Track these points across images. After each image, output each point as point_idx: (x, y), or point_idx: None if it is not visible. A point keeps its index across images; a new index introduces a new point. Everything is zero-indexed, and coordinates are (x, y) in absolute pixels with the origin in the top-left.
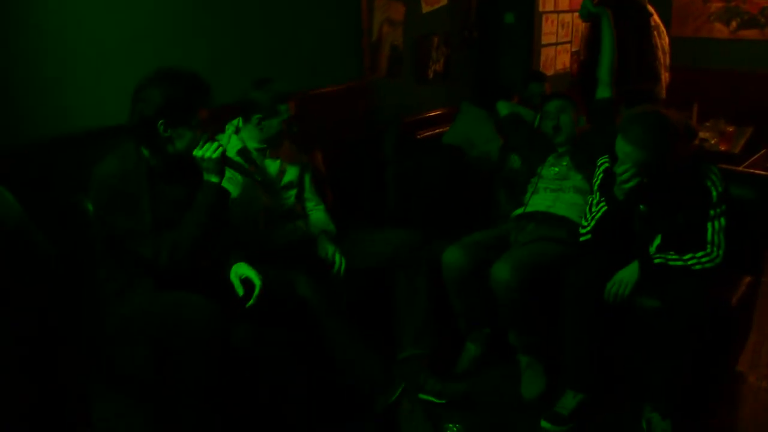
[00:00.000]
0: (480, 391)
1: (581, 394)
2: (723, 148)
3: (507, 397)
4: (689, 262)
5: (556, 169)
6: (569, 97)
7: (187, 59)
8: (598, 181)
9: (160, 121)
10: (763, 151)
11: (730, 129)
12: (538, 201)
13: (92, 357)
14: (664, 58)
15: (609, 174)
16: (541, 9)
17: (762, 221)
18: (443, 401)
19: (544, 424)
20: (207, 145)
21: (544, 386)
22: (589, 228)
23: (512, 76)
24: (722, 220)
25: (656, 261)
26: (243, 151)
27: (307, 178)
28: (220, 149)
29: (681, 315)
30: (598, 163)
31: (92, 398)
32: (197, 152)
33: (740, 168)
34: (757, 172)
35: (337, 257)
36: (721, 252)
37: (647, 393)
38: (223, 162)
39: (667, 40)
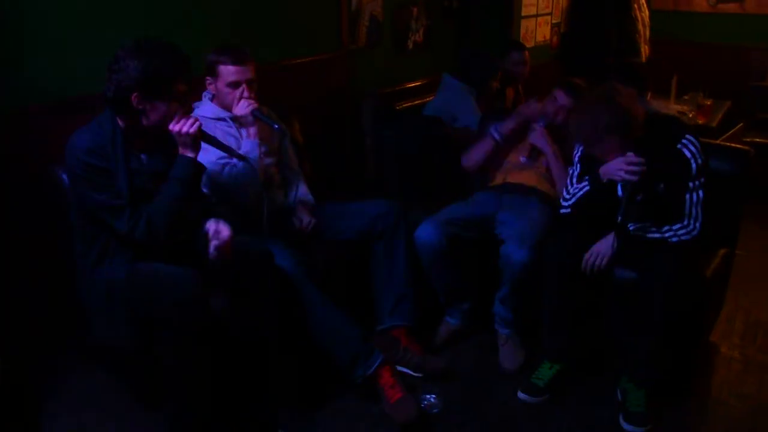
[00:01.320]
0: (458, 364)
1: (557, 365)
2: (701, 122)
3: (485, 370)
4: (666, 234)
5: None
6: None
7: (162, 28)
8: (579, 153)
9: (134, 93)
10: (740, 125)
11: (708, 102)
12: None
13: (68, 329)
14: (644, 30)
15: None
16: None
17: (737, 194)
18: (421, 375)
19: (521, 394)
20: (183, 119)
21: (522, 358)
22: (570, 204)
23: (492, 48)
24: (700, 192)
25: (633, 232)
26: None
27: (286, 147)
28: (197, 124)
29: (658, 287)
30: None
31: (64, 371)
32: (174, 126)
33: (717, 141)
34: (733, 145)
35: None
36: (698, 224)
37: (622, 363)
38: (199, 137)
39: (647, 12)
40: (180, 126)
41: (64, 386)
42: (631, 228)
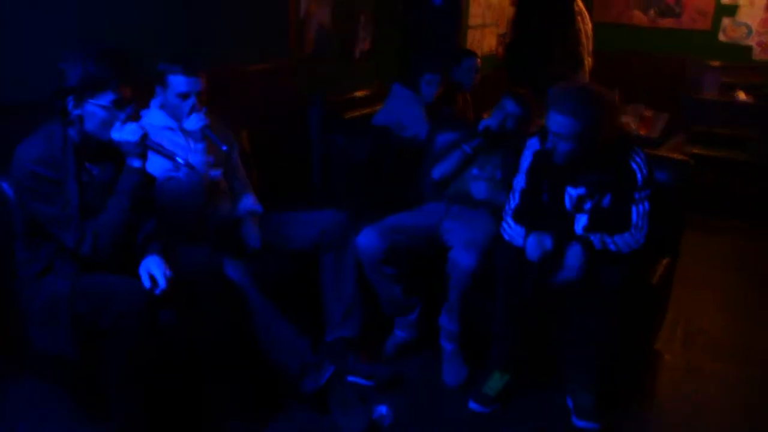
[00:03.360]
0: (409, 373)
1: (507, 375)
2: (643, 133)
3: (436, 379)
4: (619, 243)
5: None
6: None
7: (110, 32)
8: (527, 164)
9: (70, 97)
10: (680, 136)
11: (648, 114)
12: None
13: (8, 339)
14: (587, 42)
15: (539, 156)
16: None
17: (680, 204)
18: (372, 383)
19: (472, 404)
20: (127, 126)
21: (465, 374)
22: (506, 236)
23: (440, 56)
24: (646, 203)
25: (596, 245)
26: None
27: (235, 158)
28: (141, 132)
29: (604, 295)
30: (528, 145)
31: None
32: (115, 134)
33: (659, 152)
34: (674, 156)
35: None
36: (643, 234)
37: (571, 370)
38: (144, 145)
39: (590, 25)
40: (122, 133)
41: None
42: (595, 243)
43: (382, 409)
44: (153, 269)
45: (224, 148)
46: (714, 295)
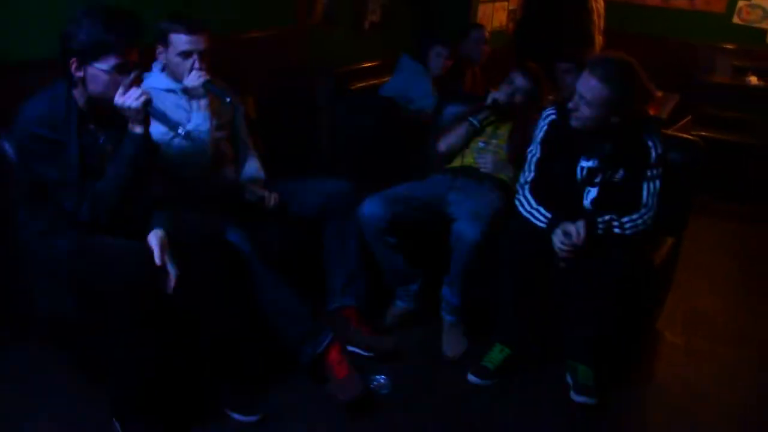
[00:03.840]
0: (408, 345)
1: (508, 349)
2: (652, 113)
3: (435, 352)
4: (626, 226)
5: (492, 126)
6: None
7: None
8: (542, 134)
9: (73, 59)
10: (689, 117)
11: (659, 94)
12: (471, 156)
13: (9, 301)
14: (599, 21)
15: (554, 127)
16: None
17: (688, 185)
18: (371, 354)
19: (471, 377)
20: (130, 91)
21: (465, 346)
22: (523, 212)
23: (449, 30)
24: (657, 182)
25: (599, 230)
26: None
27: (239, 122)
28: (144, 97)
29: (608, 273)
30: (544, 115)
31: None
32: (118, 99)
33: (669, 131)
34: (684, 135)
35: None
36: (652, 214)
37: (572, 345)
38: (146, 111)
39: (602, 3)
40: (125, 98)
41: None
42: (600, 227)
43: (380, 378)
44: (156, 247)
45: (228, 99)
46: (715, 278)
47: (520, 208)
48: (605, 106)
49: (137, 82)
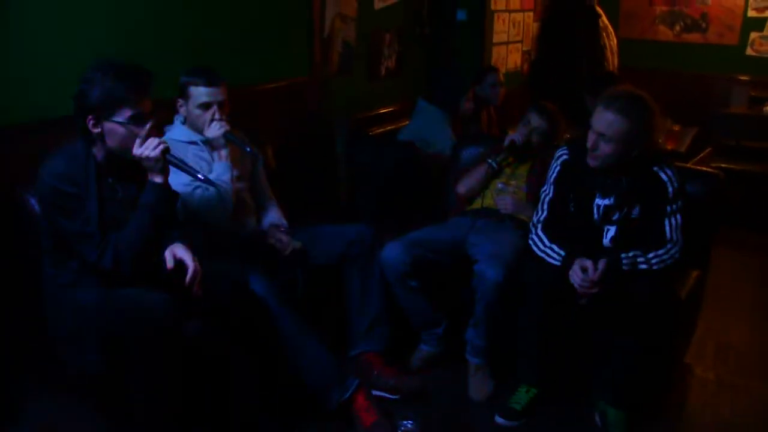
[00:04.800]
0: (434, 387)
1: (534, 389)
2: (670, 147)
3: (461, 394)
4: (653, 261)
5: (510, 167)
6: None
7: (132, 51)
8: (555, 174)
9: (89, 116)
10: (708, 150)
11: (676, 128)
12: (491, 198)
13: (35, 354)
14: (612, 58)
15: (567, 166)
16: (493, 7)
17: (709, 217)
18: (397, 397)
19: (498, 419)
20: (147, 142)
21: (491, 389)
22: (536, 252)
23: (464, 74)
24: (678, 217)
25: (624, 266)
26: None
27: (259, 172)
28: (162, 146)
29: (634, 309)
30: (556, 155)
31: (27, 397)
32: (136, 150)
33: (688, 165)
34: (704, 168)
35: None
36: (678, 248)
37: (601, 386)
38: (165, 160)
39: (615, 41)
40: (143, 149)
41: (27, 413)
42: (625, 264)
43: (408, 424)
44: (178, 251)
45: (248, 149)
46: (743, 311)
47: (534, 248)
48: (625, 140)
49: (154, 132)
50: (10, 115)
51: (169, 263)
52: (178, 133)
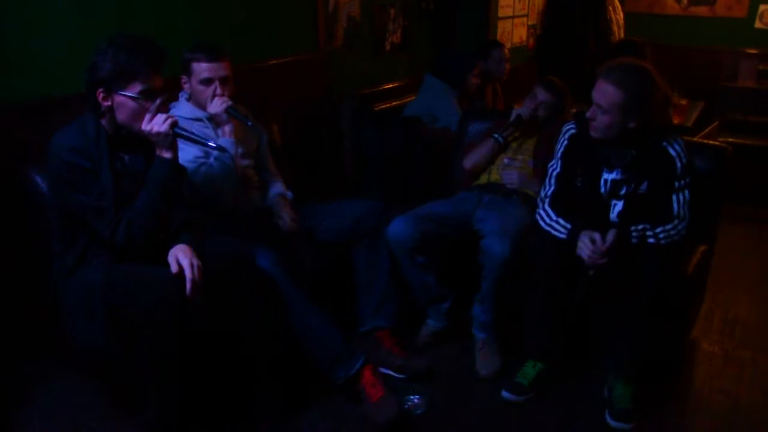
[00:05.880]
0: (441, 364)
1: (541, 364)
2: (677, 121)
3: (468, 370)
4: (660, 236)
5: (517, 142)
6: None
7: (136, 27)
8: (562, 148)
9: (99, 89)
10: (715, 124)
11: (684, 102)
12: (497, 173)
13: (43, 333)
14: (618, 32)
15: (574, 141)
16: None
17: (717, 192)
18: (404, 376)
19: (505, 393)
20: (156, 117)
21: (499, 364)
22: (543, 225)
23: (470, 48)
24: (686, 192)
25: (633, 238)
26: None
27: (263, 148)
28: (169, 121)
29: (642, 283)
30: (563, 130)
31: (36, 377)
32: (145, 126)
33: (695, 139)
34: (711, 142)
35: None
36: (685, 224)
37: (608, 361)
38: (173, 135)
39: (621, 14)
40: (152, 125)
41: (36, 393)
42: (634, 236)
43: (414, 399)
44: (181, 257)
45: (249, 123)
46: (749, 285)
47: (540, 222)
48: (621, 111)
49: (163, 108)
50: (13, 92)
51: (174, 268)
52: (183, 109)
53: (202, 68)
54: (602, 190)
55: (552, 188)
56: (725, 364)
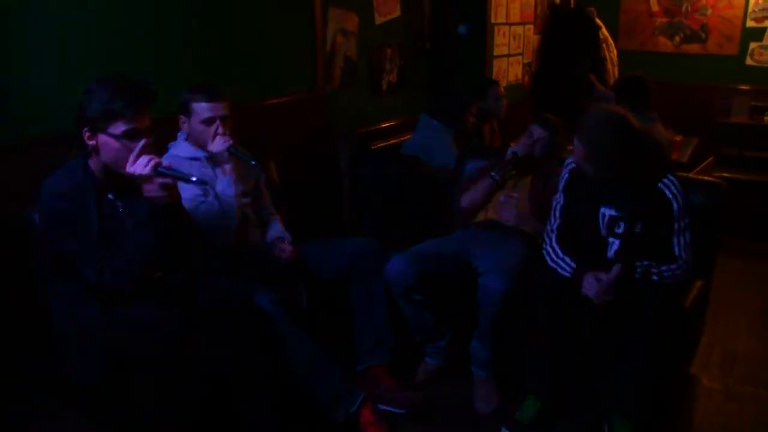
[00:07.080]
0: (440, 401)
1: (540, 402)
2: (673, 157)
3: (467, 407)
4: (665, 274)
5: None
6: None
7: (135, 68)
8: (564, 182)
9: (85, 128)
10: (710, 159)
11: (678, 138)
12: (494, 211)
13: (38, 371)
14: (612, 69)
15: (575, 174)
16: (493, 21)
17: (714, 227)
18: (403, 411)
19: (505, 431)
20: (140, 159)
21: (497, 402)
22: (549, 262)
23: (466, 87)
24: (687, 234)
25: (637, 273)
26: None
27: (262, 186)
28: (152, 163)
29: (640, 319)
30: (565, 163)
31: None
32: (129, 167)
33: (691, 175)
34: (707, 178)
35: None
36: (688, 267)
37: (607, 398)
38: (154, 177)
39: (615, 52)
40: (135, 166)
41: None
42: (638, 271)
43: None
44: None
45: (252, 162)
46: (748, 320)
47: (547, 258)
48: (590, 163)
49: (147, 149)
50: (17, 132)
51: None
52: (181, 149)
53: (202, 108)
54: (601, 225)
55: (558, 221)
56: (725, 399)
